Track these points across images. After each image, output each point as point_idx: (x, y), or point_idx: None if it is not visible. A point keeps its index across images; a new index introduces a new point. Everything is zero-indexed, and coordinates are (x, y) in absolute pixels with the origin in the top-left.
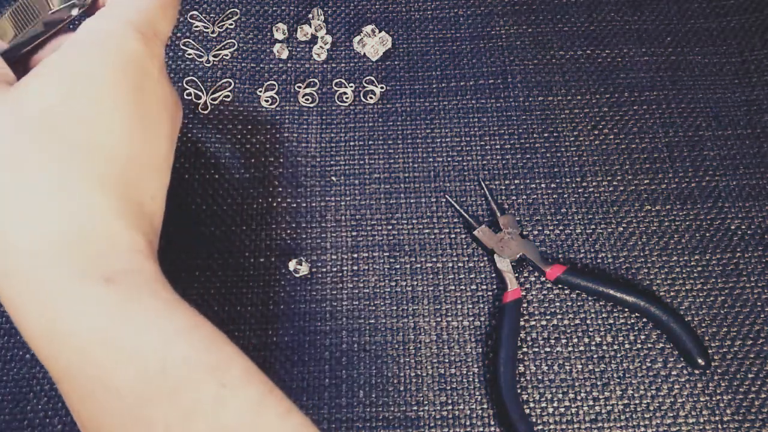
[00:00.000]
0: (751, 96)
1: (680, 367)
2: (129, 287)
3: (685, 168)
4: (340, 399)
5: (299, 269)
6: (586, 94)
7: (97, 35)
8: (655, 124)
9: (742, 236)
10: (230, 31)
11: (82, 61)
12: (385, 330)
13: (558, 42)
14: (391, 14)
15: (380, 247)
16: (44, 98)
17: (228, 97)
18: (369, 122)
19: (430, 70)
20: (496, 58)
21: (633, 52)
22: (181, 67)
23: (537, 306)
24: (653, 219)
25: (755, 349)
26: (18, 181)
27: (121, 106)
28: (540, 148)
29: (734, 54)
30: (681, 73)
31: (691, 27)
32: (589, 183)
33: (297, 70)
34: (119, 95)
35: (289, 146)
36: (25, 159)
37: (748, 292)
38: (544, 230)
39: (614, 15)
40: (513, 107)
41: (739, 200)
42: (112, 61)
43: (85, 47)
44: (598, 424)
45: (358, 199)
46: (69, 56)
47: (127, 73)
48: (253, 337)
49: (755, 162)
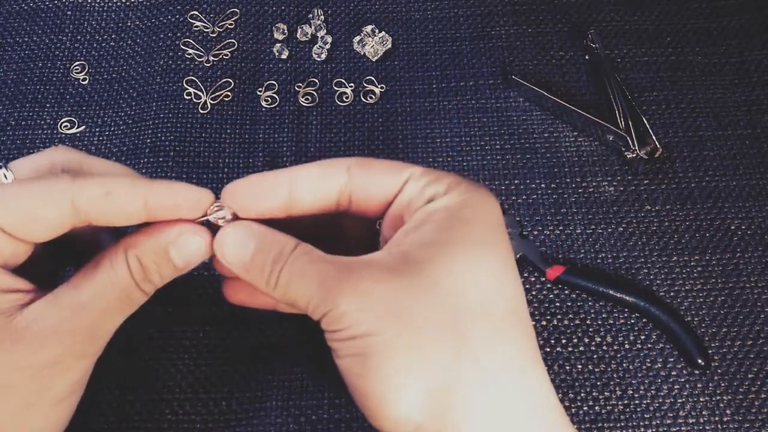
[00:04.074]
0: (751, 96)
1: (680, 367)
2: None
3: (685, 168)
4: (340, 399)
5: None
6: (585, 94)
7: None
8: (655, 124)
9: (742, 236)
10: (230, 31)
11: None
12: None
13: (558, 42)
14: (391, 14)
15: None
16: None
17: (228, 97)
18: (369, 122)
19: (430, 70)
20: (496, 58)
21: (633, 52)
22: (181, 67)
23: (537, 306)
24: (653, 219)
25: (755, 349)
26: None
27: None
28: (540, 148)
29: (734, 54)
30: (681, 73)
31: (691, 27)
32: (589, 183)
33: (297, 70)
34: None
35: (289, 146)
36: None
37: (748, 292)
38: (544, 230)
39: (614, 15)
40: (513, 107)
41: (739, 200)
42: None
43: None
44: (598, 424)
45: None
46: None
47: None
48: (252, 338)
49: (755, 162)
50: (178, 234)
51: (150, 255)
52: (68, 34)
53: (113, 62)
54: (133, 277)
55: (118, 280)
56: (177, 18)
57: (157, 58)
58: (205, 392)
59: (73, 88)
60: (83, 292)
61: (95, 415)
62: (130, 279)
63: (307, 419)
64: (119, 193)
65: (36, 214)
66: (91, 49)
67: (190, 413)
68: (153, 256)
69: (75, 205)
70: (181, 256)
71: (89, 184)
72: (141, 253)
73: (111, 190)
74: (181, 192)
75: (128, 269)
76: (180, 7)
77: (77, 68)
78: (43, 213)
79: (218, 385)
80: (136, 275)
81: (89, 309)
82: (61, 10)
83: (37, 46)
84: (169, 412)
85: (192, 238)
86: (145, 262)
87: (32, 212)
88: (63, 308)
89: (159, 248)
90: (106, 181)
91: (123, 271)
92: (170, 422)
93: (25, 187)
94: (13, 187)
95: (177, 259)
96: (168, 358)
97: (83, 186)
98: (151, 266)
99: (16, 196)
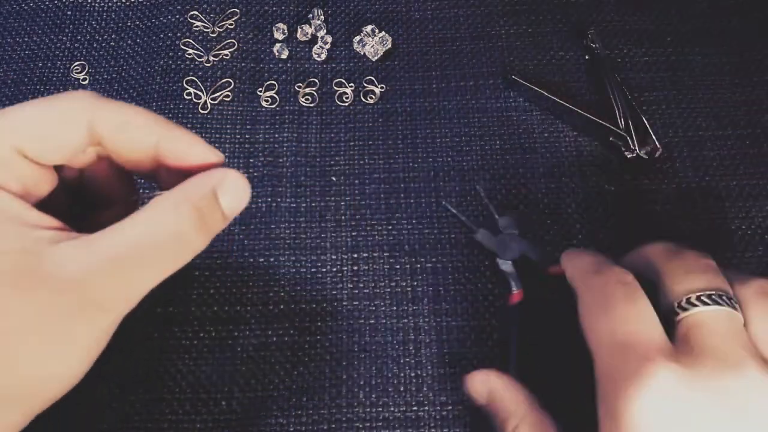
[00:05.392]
0: (751, 96)
1: None
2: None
3: (685, 168)
4: (340, 399)
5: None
6: (585, 94)
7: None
8: (655, 124)
9: (742, 236)
10: (230, 31)
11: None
12: (385, 330)
13: (558, 42)
14: (391, 14)
15: (380, 247)
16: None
17: (228, 97)
18: (369, 122)
19: (430, 70)
20: (496, 58)
21: (633, 52)
22: (181, 67)
23: (537, 306)
24: (653, 219)
25: None
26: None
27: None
28: (540, 148)
29: (734, 54)
30: (681, 73)
31: (691, 27)
32: (589, 183)
33: (297, 70)
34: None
35: (289, 146)
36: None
37: None
38: (544, 230)
39: (614, 15)
40: (513, 107)
41: (739, 200)
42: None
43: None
44: None
45: (358, 199)
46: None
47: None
48: (252, 337)
49: (755, 162)
50: (224, 176)
51: (200, 199)
52: (68, 34)
53: (113, 62)
54: (186, 223)
55: (172, 224)
56: (177, 18)
57: (157, 58)
58: (205, 392)
59: (73, 88)
60: (123, 239)
61: (95, 415)
62: (183, 224)
63: (308, 419)
64: (136, 124)
65: (54, 136)
66: (91, 49)
67: (190, 413)
68: (203, 201)
69: (92, 127)
70: (229, 200)
71: (109, 107)
72: (191, 196)
73: (129, 120)
74: (194, 144)
75: (180, 214)
76: (180, 7)
77: (77, 68)
78: (62, 132)
79: (218, 385)
80: (189, 220)
81: (127, 258)
82: (61, 10)
83: (37, 46)
84: (169, 412)
85: (239, 180)
86: (197, 206)
87: (51, 133)
88: (97, 255)
89: (207, 191)
90: (127, 109)
91: (177, 216)
92: (170, 422)
93: (43, 105)
94: (31, 106)
95: (224, 203)
96: (168, 358)
97: (103, 108)
98: (203, 211)
99: (35, 116)
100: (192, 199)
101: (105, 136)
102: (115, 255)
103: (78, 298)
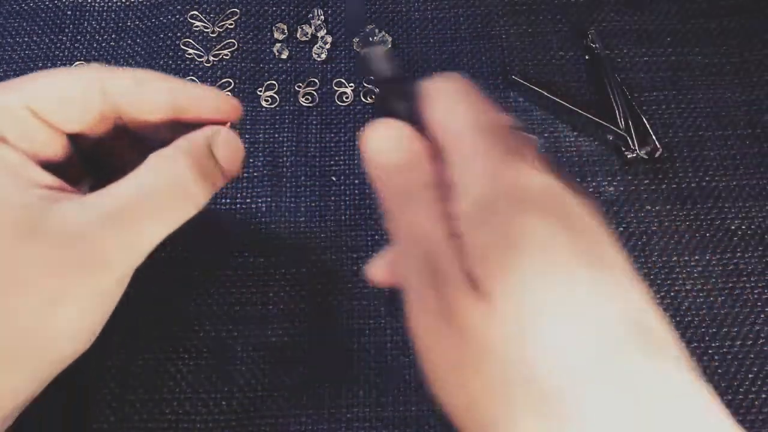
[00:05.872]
0: (751, 96)
1: None
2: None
3: (685, 168)
4: (340, 399)
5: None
6: (586, 94)
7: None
8: (655, 124)
9: (742, 236)
10: (230, 31)
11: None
12: (385, 330)
13: (558, 42)
14: (391, 14)
15: (380, 247)
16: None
17: None
18: (369, 122)
19: (430, 70)
20: (496, 58)
21: (633, 52)
22: (181, 67)
23: None
24: (653, 219)
25: (755, 349)
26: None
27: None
28: (540, 148)
29: (734, 54)
30: (681, 73)
31: (691, 27)
32: (589, 183)
33: (297, 70)
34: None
35: (289, 146)
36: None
37: (748, 292)
38: None
39: (614, 15)
40: (513, 107)
41: (739, 200)
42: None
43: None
44: None
45: (358, 199)
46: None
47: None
48: (252, 337)
49: (755, 162)
50: (216, 130)
51: (195, 149)
52: (68, 34)
53: (113, 62)
54: (183, 171)
55: (170, 173)
56: (177, 18)
57: (157, 58)
58: (205, 392)
59: None
60: (121, 194)
61: (95, 415)
62: (180, 172)
63: (308, 419)
64: (149, 84)
65: (68, 99)
66: (91, 49)
67: (190, 413)
68: (197, 150)
69: (105, 92)
70: (222, 152)
71: (120, 71)
72: (185, 148)
73: (142, 81)
74: (209, 94)
75: (176, 162)
76: (180, 7)
77: None
78: (75, 97)
79: (218, 385)
80: (186, 167)
81: (126, 211)
82: (61, 10)
83: (37, 46)
84: (169, 412)
85: (230, 134)
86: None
87: (64, 96)
88: (97, 210)
89: (201, 142)
90: (138, 72)
91: (174, 164)
92: (170, 422)
93: (57, 72)
94: (46, 73)
95: (219, 155)
96: (168, 358)
97: (115, 73)
98: (198, 160)
99: (49, 80)
100: (186, 150)
101: (118, 99)
102: (114, 209)
103: (78, 253)
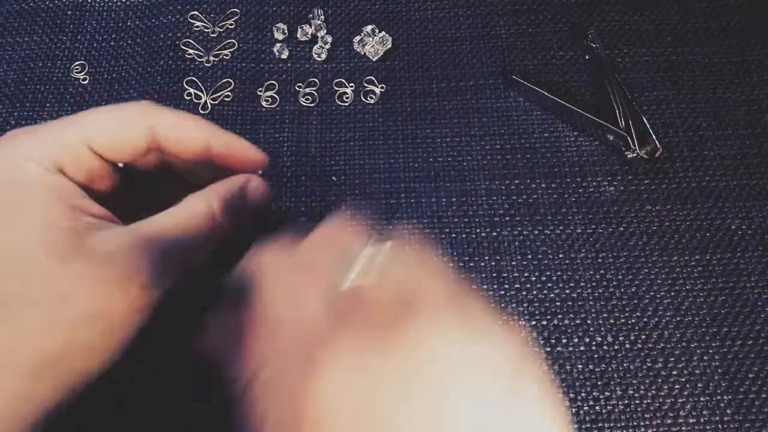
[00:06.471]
0: (751, 96)
1: (680, 367)
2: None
3: (685, 168)
4: None
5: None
6: (585, 94)
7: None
8: (655, 124)
9: (742, 236)
10: (230, 31)
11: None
12: None
13: (558, 42)
14: (391, 14)
15: None
16: None
17: (228, 97)
18: (369, 122)
19: (430, 70)
20: (496, 58)
21: (633, 52)
22: (181, 67)
23: (537, 306)
24: (653, 219)
25: (755, 349)
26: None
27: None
28: (540, 148)
29: (734, 54)
30: (681, 73)
31: (691, 27)
32: (589, 183)
33: (297, 70)
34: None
35: (289, 146)
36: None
37: (748, 292)
38: (544, 230)
39: (614, 15)
40: (513, 107)
41: (739, 200)
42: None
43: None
44: (598, 424)
45: (358, 199)
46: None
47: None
48: None
49: (755, 162)
50: (246, 179)
51: (226, 191)
52: (68, 34)
53: (113, 62)
54: (213, 208)
55: (203, 211)
56: (177, 18)
57: (157, 58)
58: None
59: (73, 88)
60: (158, 223)
61: (95, 415)
62: (216, 211)
63: None
64: (189, 125)
65: (120, 133)
66: (91, 49)
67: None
68: (228, 193)
69: (151, 129)
70: (253, 198)
71: (166, 110)
72: (218, 189)
73: (182, 120)
74: (239, 144)
75: (210, 202)
76: (180, 7)
77: (77, 68)
78: (126, 132)
79: None
80: (217, 203)
81: (161, 238)
82: (61, 10)
83: (37, 46)
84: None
85: (258, 181)
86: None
87: (117, 132)
88: (134, 236)
89: (234, 186)
90: (180, 113)
91: (203, 203)
92: (170, 421)
93: (112, 109)
94: (101, 110)
95: (251, 201)
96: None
97: (160, 113)
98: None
99: (104, 116)
100: (218, 193)
101: (162, 136)
102: (150, 235)
103: (117, 273)
